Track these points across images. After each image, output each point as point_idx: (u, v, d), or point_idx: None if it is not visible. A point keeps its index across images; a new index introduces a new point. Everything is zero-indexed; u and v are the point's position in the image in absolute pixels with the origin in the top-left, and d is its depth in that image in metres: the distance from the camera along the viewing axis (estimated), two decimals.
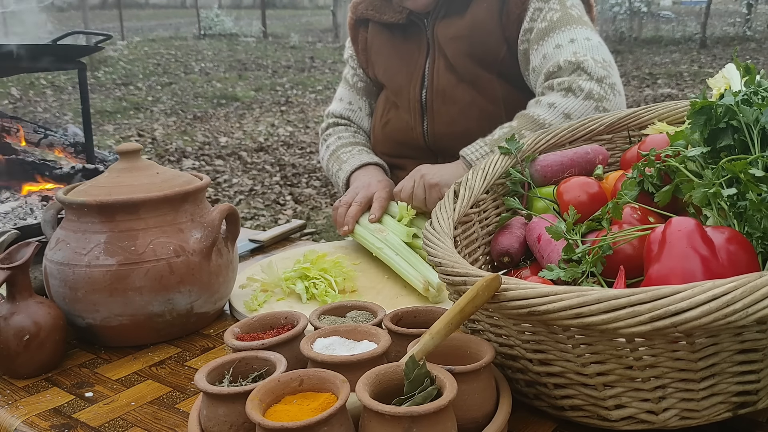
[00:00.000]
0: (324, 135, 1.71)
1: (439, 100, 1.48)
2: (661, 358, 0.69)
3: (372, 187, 1.41)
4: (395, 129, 1.56)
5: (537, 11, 1.41)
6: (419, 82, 1.51)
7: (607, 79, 1.30)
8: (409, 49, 1.53)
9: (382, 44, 1.58)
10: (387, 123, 1.58)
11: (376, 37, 1.60)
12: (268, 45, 16.10)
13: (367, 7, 1.58)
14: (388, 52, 1.57)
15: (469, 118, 1.44)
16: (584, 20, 1.40)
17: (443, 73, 1.48)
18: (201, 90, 9.93)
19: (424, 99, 1.51)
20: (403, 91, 1.53)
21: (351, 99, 1.70)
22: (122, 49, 14.24)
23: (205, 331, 1.10)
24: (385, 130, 1.58)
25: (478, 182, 1.03)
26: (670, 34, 15.94)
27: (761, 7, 17.16)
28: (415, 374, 0.67)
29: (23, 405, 0.90)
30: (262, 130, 7.36)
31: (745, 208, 0.77)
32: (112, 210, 1.01)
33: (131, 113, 8.36)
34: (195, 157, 6.18)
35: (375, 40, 1.60)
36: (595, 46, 1.35)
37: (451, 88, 1.47)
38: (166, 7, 34.71)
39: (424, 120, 1.51)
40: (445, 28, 1.48)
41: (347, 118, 1.69)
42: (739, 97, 0.84)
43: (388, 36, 1.57)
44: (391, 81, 1.56)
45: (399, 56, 1.55)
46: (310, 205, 4.80)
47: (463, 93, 1.46)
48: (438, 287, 1.13)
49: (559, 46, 1.36)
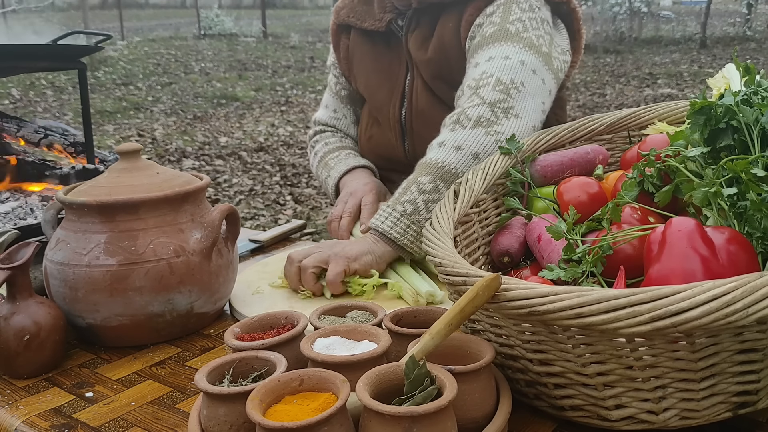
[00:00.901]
0: (311, 142, 1.68)
1: (419, 121, 1.46)
2: (661, 358, 0.69)
3: (358, 193, 1.40)
4: (378, 145, 1.54)
5: (478, 27, 1.36)
6: (399, 100, 1.48)
7: (501, 103, 1.22)
8: (390, 64, 1.50)
9: (363, 55, 1.55)
10: (370, 138, 1.57)
11: (358, 46, 1.56)
12: (268, 45, 16.10)
13: (348, 14, 1.54)
14: (370, 66, 1.54)
15: None
16: (522, 36, 1.30)
17: (422, 92, 1.45)
18: (201, 90, 9.93)
19: (404, 118, 1.49)
20: (384, 109, 1.51)
21: (336, 107, 1.67)
22: (122, 49, 14.24)
23: (205, 331, 1.10)
24: (369, 145, 1.57)
25: (478, 182, 1.03)
26: (670, 34, 15.95)
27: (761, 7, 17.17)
28: (415, 374, 0.67)
29: (23, 405, 0.90)
30: (262, 130, 7.36)
31: (745, 208, 0.77)
32: (112, 210, 1.01)
33: (131, 113, 8.36)
34: (195, 157, 6.18)
35: (357, 49, 1.56)
36: (510, 66, 1.25)
37: (429, 108, 1.44)
38: (166, 7, 34.72)
39: (405, 139, 1.50)
40: (416, 48, 1.44)
41: (333, 126, 1.67)
42: (739, 97, 0.84)
43: (370, 46, 1.54)
44: (372, 97, 1.54)
45: (380, 70, 1.51)
46: (310, 205, 4.80)
47: (441, 113, 1.39)
48: (427, 296, 1.12)
49: (477, 65, 1.30)
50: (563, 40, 1.43)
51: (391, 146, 1.51)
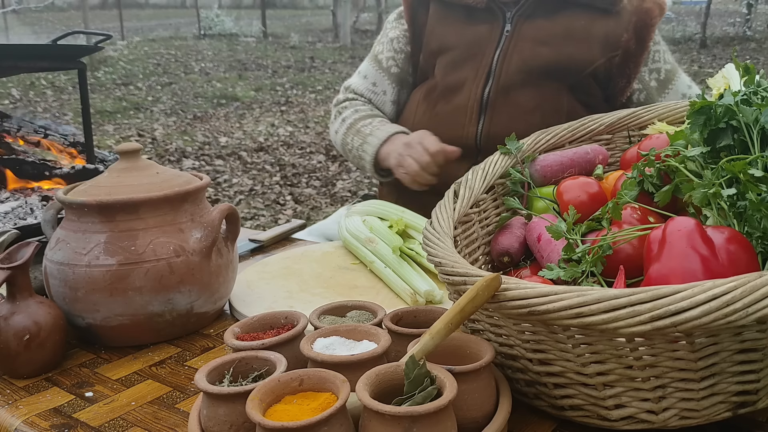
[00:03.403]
0: (339, 108, 1.59)
1: (501, 98, 1.42)
2: (661, 358, 0.69)
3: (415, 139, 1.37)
4: (442, 124, 1.44)
5: (656, 53, 1.47)
6: (484, 77, 1.44)
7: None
8: (479, 39, 1.46)
9: (446, 30, 1.49)
10: (434, 117, 1.48)
11: (439, 21, 1.50)
12: (268, 45, 16.10)
13: None
14: (455, 40, 1.48)
15: (530, 124, 1.32)
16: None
17: (513, 70, 1.42)
18: (201, 90, 9.92)
19: (486, 96, 1.43)
20: (465, 86, 1.45)
21: (376, 80, 1.57)
22: (122, 49, 14.24)
23: (205, 331, 1.10)
24: (430, 125, 1.45)
25: (478, 182, 1.03)
26: (670, 34, 15.93)
27: (761, 7, 17.16)
28: (415, 374, 0.67)
29: (23, 405, 0.90)
30: (262, 130, 7.36)
31: (745, 208, 0.77)
32: (112, 210, 1.01)
33: (131, 113, 8.36)
34: (195, 157, 6.18)
35: (439, 23, 1.50)
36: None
37: (516, 88, 1.42)
38: (166, 7, 34.70)
39: (480, 119, 1.44)
40: (532, 29, 1.43)
41: (368, 98, 1.59)
42: (738, 97, 0.84)
43: (455, 22, 1.48)
44: (453, 73, 1.47)
45: (466, 47, 1.46)
46: (310, 205, 4.80)
47: (527, 96, 1.41)
48: (426, 295, 1.12)
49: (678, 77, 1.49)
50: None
51: (460, 126, 1.44)
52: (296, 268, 1.31)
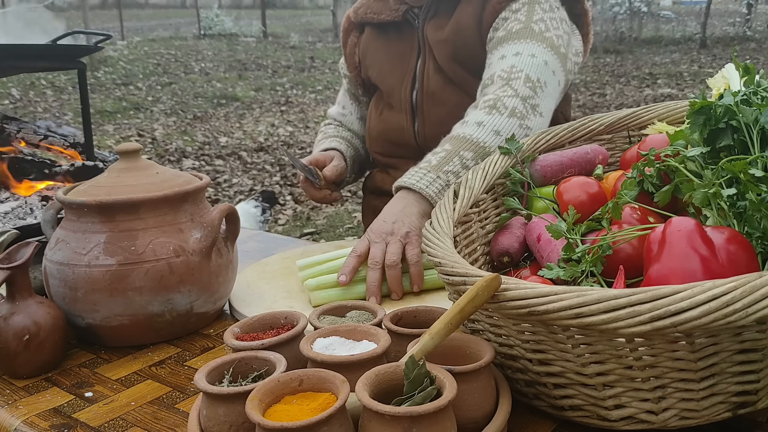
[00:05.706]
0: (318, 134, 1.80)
1: (429, 102, 1.51)
2: (660, 358, 0.69)
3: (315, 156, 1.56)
4: (389, 128, 1.59)
5: (503, 20, 1.41)
6: (410, 83, 1.54)
7: (530, 99, 1.28)
8: (402, 50, 1.56)
9: (377, 47, 1.62)
10: (381, 122, 1.61)
11: (372, 41, 1.63)
12: (268, 45, 16.10)
13: (365, 11, 1.61)
14: (383, 55, 1.60)
15: (458, 119, 1.41)
16: (545, 36, 1.35)
17: (432, 74, 1.50)
18: (201, 90, 9.93)
19: (415, 100, 1.53)
20: (395, 92, 1.56)
21: (344, 104, 1.77)
22: (122, 49, 14.24)
23: (205, 331, 1.10)
24: (379, 129, 1.62)
25: (478, 182, 1.03)
26: (670, 34, 15.95)
27: (761, 7, 17.17)
28: (415, 374, 0.67)
29: (23, 405, 0.90)
30: (262, 130, 7.36)
31: (745, 208, 0.77)
32: (112, 210, 1.01)
33: (131, 113, 8.36)
34: (195, 157, 6.18)
35: (371, 44, 1.63)
36: (537, 64, 1.31)
37: (440, 89, 1.49)
38: (166, 7, 34.71)
39: (415, 121, 1.54)
40: (433, 30, 1.49)
41: (339, 121, 1.77)
42: (738, 97, 0.84)
43: (384, 38, 1.60)
44: (384, 83, 1.60)
45: (392, 58, 1.58)
46: (310, 205, 4.80)
47: (451, 95, 1.48)
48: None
49: (503, 57, 1.35)
50: (577, 41, 1.50)
51: (401, 128, 1.55)
52: (296, 267, 1.31)
